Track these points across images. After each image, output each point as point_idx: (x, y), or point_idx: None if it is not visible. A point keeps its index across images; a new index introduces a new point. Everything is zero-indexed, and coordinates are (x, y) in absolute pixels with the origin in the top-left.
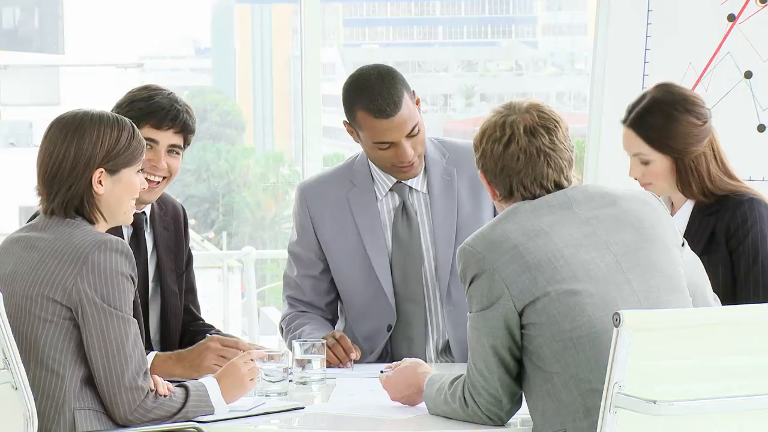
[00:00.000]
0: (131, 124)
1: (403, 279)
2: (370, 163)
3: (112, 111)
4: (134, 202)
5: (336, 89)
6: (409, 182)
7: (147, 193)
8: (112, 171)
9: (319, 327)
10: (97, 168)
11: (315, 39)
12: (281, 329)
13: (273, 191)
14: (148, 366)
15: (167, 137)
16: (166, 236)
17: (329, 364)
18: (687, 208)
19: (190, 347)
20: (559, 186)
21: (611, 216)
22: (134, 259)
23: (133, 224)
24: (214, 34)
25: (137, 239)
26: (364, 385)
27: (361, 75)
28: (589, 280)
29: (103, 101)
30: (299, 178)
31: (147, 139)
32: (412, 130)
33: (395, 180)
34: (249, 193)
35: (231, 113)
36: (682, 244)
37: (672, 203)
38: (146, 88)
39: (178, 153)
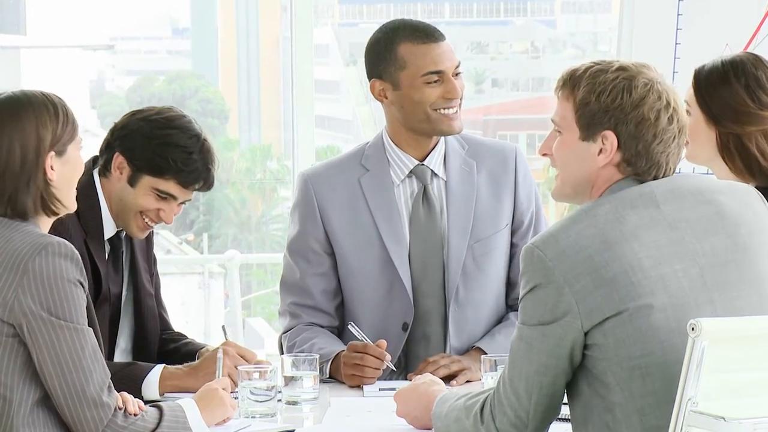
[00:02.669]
0: (59, 98)
1: (422, 271)
2: (385, 144)
3: (117, 136)
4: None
5: (330, 74)
6: (431, 166)
7: (140, 231)
8: (61, 152)
9: (330, 341)
10: (47, 153)
11: (307, 18)
12: (281, 346)
13: (260, 188)
14: (111, 381)
15: (186, 195)
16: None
17: (367, 382)
18: None
19: (202, 358)
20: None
21: (704, 218)
22: (81, 261)
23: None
24: (194, 12)
25: (118, 242)
26: (362, 405)
27: (396, 19)
28: (667, 298)
29: (70, 86)
30: (289, 173)
31: (165, 192)
32: (457, 67)
33: (416, 162)
34: (233, 190)
35: (212, 101)
36: None
37: None
38: (180, 127)
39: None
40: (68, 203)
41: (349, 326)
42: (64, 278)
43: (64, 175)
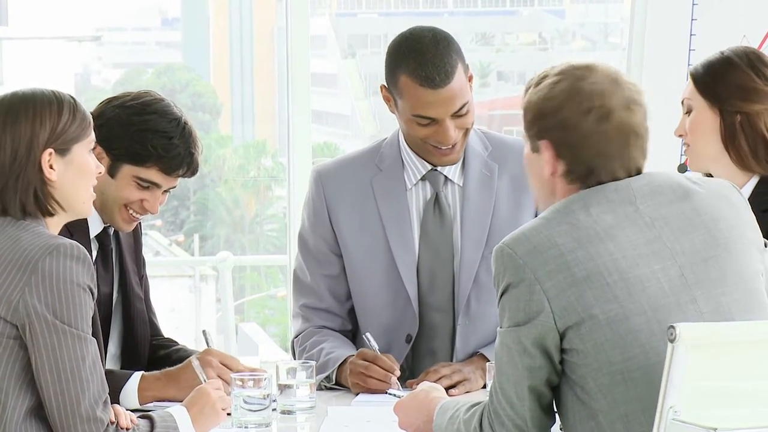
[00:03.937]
0: (70, 97)
1: (429, 283)
2: (401, 144)
3: (94, 126)
4: (92, 190)
5: (327, 66)
6: (444, 171)
7: (126, 224)
8: (63, 151)
9: (339, 344)
10: (43, 150)
11: (303, 7)
12: (293, 351)
13: (254, 187)
14: (107, 395)
15: (170, 182)
16: (125, 234)
17: (371, 391)
18: (745, 192)
19: (181, 364)
20: (639, 172)
21: (682, 214)
22: (92, 266)
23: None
24: (184, 1)
25: (107, 238)
26: (361, 414)
27: (413, 35)
28: (646, 300)
29: (54, 80)
30: (284, 170)
31: (147, 180)
32: (460, 109)
33: (429, 167)
34: (225, 188)
35: (204, 95)
36: (765, 246)
37: None
38: (158, 112)
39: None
40: (72, 207)
41: (365, 335)
42: (73, 282)
43: (68, 178)
